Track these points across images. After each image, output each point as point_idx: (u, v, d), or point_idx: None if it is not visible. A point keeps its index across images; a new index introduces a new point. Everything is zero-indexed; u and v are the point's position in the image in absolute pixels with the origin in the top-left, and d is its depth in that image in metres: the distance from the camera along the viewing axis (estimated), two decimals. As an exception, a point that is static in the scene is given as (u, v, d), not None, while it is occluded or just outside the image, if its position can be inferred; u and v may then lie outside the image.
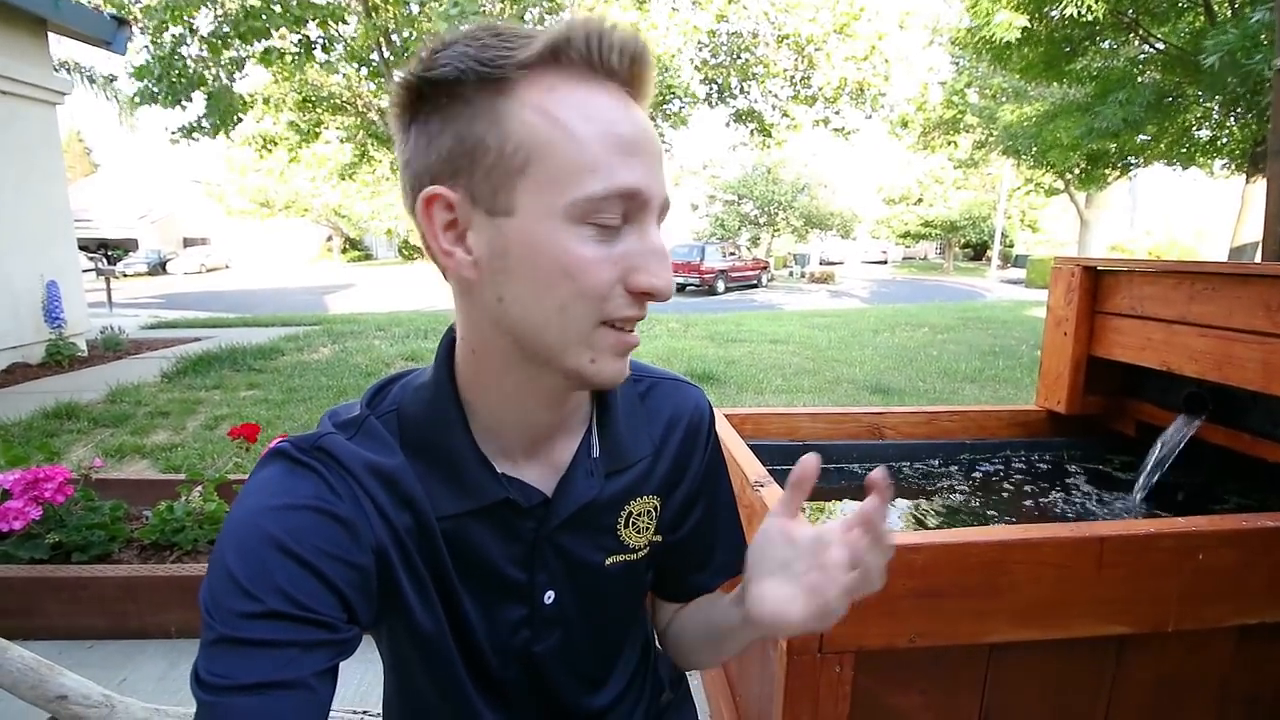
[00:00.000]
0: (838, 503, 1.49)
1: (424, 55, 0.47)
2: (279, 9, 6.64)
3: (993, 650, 0.97)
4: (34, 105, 5.58)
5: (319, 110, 9.89)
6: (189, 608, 1.83)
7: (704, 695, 1.51)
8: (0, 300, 5.23)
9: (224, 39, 6.97)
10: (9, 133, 5.32)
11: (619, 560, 0.62)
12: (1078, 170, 10.43)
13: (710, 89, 10.31)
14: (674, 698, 0.76)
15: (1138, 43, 7.64)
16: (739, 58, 9.95)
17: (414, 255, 34.27)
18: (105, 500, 2.14)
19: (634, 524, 0.63)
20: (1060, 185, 15.40)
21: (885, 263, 41.71)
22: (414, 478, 0.54)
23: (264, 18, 6.61)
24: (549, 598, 0.60)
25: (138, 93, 7.44)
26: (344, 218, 32.26)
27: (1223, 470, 1.46)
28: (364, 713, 1.28)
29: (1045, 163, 10.44)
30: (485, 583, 0.57)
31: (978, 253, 37.74)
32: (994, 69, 9.26)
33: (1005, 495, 1.52)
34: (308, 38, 7.30)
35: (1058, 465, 1.66)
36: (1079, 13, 6.25)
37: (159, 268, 27.75)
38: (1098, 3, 6.19)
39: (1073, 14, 6.28)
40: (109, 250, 25.27)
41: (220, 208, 29.39)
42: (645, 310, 0.51)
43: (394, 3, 7.26)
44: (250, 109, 8.72)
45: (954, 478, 1.60)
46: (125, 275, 24.66)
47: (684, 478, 0.67)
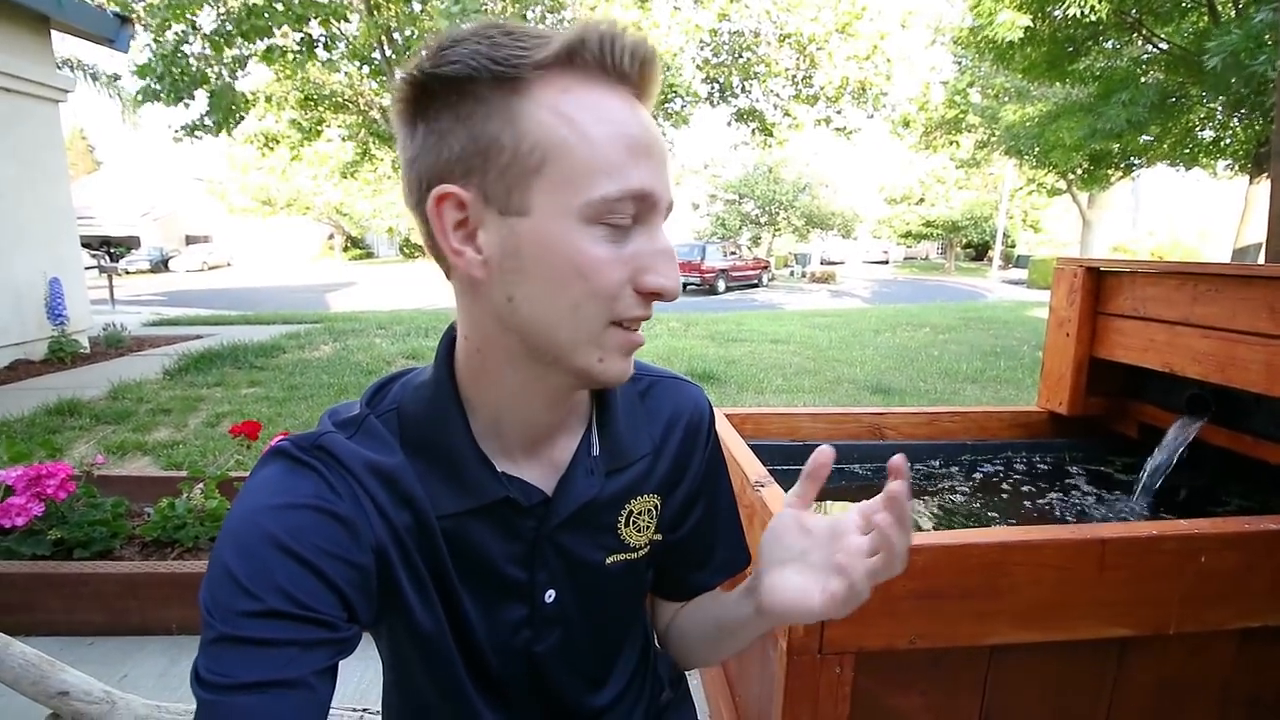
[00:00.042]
0: (837, 503, 1.48)
1: (429, 52, 0.47)
2: (281, 7, 6.66)
3: (993, 652, 0.97)
4: (37, 103, 5.58)
5: (321, 108, 9.92)
6: (190, 605, 1.83)
7: (703, 695, 1.51)
8: (3, 297, 5.24)
9: (226, 37, 6.99)
10: (12, 130, 5.33)
11: (619, 559, 0.62)
12: (1080, 170, 10.41)
13: (712, 88, 10.32)
14: (674, 697, 0.76)
15: (1141, 43, 7.63)
16: (741, 57, 9.96)
17: (415, 254, 34.27)
18: (107, 497, 2.14)
19: (634, 523, 0.63)
20: (1063, 186, 15.36)
21: (886, 263, 41.64)
22: (414, 476, 0.53)
23: (266, 16, 6.63)
24: (549, 597, 0.60)
25: (140, 90, 7.47)
26: (346, 216, 32.29)
27: (1225, 472, 1.45)
28: (364, 711, 1.28)
29: (1048, 163, 10.42)
30: (485, 582, 0.57)
31: (979, 253, 37.69)
32: (996, 69, 9.25)
33: (1006, 496, 1.51)
34: (310, 36, 7.32)
35: (1059, 466, 1.66)
36: (1082, 12, 6.24)
37: (161, 265, 27.85)
38: (1101, 2, 6.18)
39: (1076, 14, 6.27)
40: (111, 247, 25.24)
41: (222, 205, 29.41)
42: (652, 310, 0.51)
43: (396, 1, 7.27)
44: (252, 107, 8.75)
45: (955, 479, 1.59)
46: (127, 272, 24.74)
47: (684, 476, 0.67)
